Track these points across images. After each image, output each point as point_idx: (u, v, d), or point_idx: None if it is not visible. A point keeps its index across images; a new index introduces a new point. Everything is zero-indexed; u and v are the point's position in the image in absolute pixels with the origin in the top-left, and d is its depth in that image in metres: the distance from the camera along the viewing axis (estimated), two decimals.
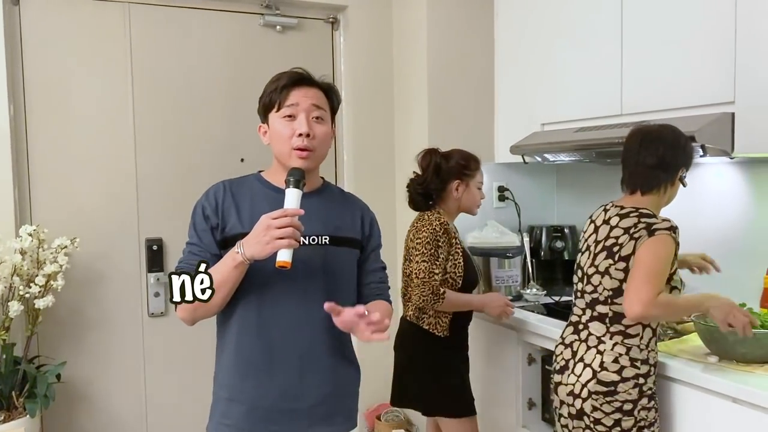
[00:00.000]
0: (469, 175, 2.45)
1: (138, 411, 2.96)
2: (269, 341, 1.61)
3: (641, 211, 1.89)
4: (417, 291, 2.28)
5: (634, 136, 1.96)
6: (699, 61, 2.13)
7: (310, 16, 3.22)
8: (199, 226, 1.63)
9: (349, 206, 1.77)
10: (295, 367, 1.61)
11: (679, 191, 2.00)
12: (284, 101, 1.60)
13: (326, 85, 1.68)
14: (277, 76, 1.65)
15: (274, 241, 1.44)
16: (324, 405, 1.66)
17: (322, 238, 1.64)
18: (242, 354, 1.63)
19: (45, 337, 2.75)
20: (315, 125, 1.61)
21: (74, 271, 2.69)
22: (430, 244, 2.31)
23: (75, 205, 2.81)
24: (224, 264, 1.53)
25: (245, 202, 1.64)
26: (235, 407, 1.63)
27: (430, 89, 3.07)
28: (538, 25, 2.82)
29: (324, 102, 1.65)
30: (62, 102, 2.78)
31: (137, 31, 2.89)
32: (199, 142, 3.02)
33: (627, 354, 1.85)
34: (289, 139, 1.59)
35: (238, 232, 1.59)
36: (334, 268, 1.66)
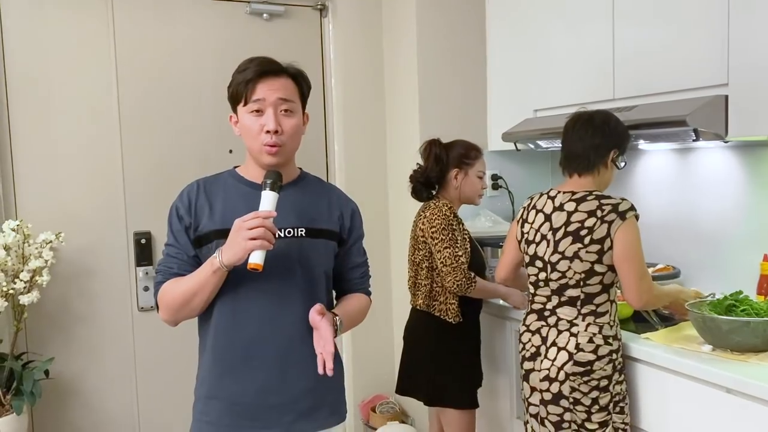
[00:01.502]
0: (468, 164, 2.46)
1: (129, 405, 2.94)
2: (246, 337, 1.59)
3: (596, 193, 1.97)
4: (449, 277, 2.29)
5: (568, 122, 2.06)
6: (692, 43, 2.08)
7: (297, 3, 3.16)
8: (174, 227, 1.63)
9: (326, 197, 1.73)
10: (274, 362, 1.59)
11: (615, 173, 2.08)
12: (250, 96, 1.55)
13: (294, 71, 1.62)
14: (243, 66, 1.59)
15: (246, 242, 1.44)
16: (307, 399, 1.63)
17: (297, 230, 1.61)
18: (219, 352, 1.60)
19: (32, 333, 2.72)
20: (283, 119, 1.57)
21: (61, 266, 2.66)
22: (446, 230, 2.33)
23: (60, 199, 2.77)
24: (203, 270, 1.53)
25: (218, 199, 1.62)
26: (214, 404, 1.61)
27: (421, 77, 3.02)
28: (529, 10, 2.76)
29: (293, 91, 1.60)
30: (45, 94, 2.74)
31: (121, 21, 2.84)
32: (186, 133, 2.98)
33: (600, 333, 1.93)
34: (258, 135, 1.56)
35: (210, 230, 1.58)
36: (311, 261, 1.63)
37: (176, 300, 1.56)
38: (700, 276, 2.47)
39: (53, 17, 2.73)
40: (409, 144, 3.14)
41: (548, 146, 2.72)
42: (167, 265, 1.61)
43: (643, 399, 1.98)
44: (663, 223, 2.60)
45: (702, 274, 2.46)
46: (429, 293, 2.41)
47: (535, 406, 2.01)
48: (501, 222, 2.96)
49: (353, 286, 1.77)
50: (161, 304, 1.61)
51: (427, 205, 2.44)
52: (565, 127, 2.07)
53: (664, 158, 2.62)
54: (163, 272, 1.62)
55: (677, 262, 2.53)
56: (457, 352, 2.41)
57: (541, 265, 2.04)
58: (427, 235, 2.37)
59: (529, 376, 2.04)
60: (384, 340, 3.36)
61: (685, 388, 1.84)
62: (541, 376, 1.98)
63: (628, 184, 2.75)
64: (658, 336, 2.03)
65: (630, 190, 2.74)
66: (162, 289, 1.60)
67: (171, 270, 1.61)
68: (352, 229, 1.74)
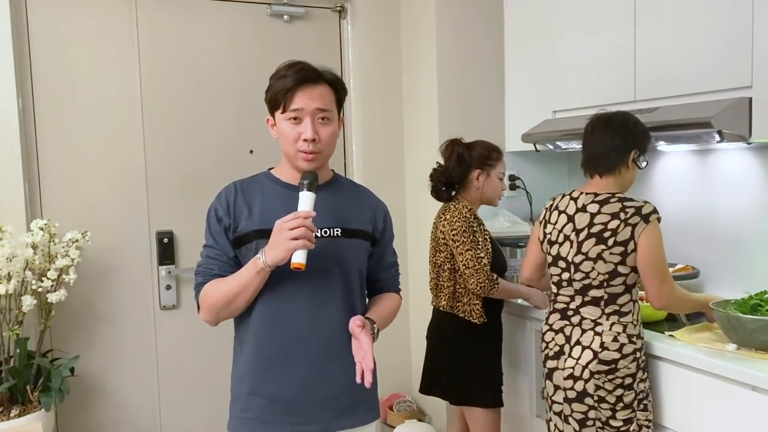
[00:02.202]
0: (490, 165, 2.48)
1: (151, 403, 2.97)
2: (287, 334, 1.62)
3: (618, 196, 2.00)
4: (472, 279, 2.32)
5: (588, 124, 2.10)
6: (715, 45, 2.10)
7: (317, 5, 3.19)
8: (213, 228, 1.66)
9: (359, 199, 1.77)
10: (314, 359, 1.63)
11: (637, 174, 2.10)
12: (289, 104, 1.59)
13: (332, 78, 1.65)
14: (283, 72, 1.62)
15: (288, 243, 1.48)
16: (345, 396, 1.66)
17: (334, 230, 1.66)
18: (261, 348, 1.64)
19: (57, 331, 2.75)
20: (321, 127, 1.61)
21: (85, 264, 2.69)
22: (467, 232, 2.35)
23: (84, 198, 2.80)
24: (247, 271, 1.57)
25: (256, 200, 1.66)
26: (256, 400, 1.64)
27: (440, 77, 3.05)
28: (549, 10, 2.78)
29: (330, 99, 1.63)
30: (70, 95, 2.77)
31: (145, 22, 2.87)
32: (208, 134, 3.01)
33: (624, 332, 1.96)
34: (295, 142, 1.60)
35: (250, 230, 1.62)
36: (347, 260, 1.67)
37: (219, 301, 1.60)
38: (720, 277, 2.49)
39: (78, 19, 2.76)
40: (427, 145, 3.17)
41: (567, 147, 2.74)
42: (207, 267, 1.65)
43: (668, 397, 2.01)
44: (682, 224, 2.62)
45: (721, 275, 2.48)
46: (452, 294, 2.43)
47: (559, 404, 2.04)
48: (519, 222, 2.98)
49: (385, 286, 1.82)
50: (203, 305, 1.65)
51: (447, 207, 2.47)
52: (585, 128, 2.11)
53: (683, 159, 2.65)
54: (204, 273, 1.66)
55: (696, 262, 2.55)
56: (481, 352, 2.44)
57: (564, 265, 2.07)
58: (448, 238, 2.40)
59: (552, 374, 2.06)
60: (401, 339, 3.39)
61: (710, 386, 1.87)
62: (565, 375, 2.01)
63: (647, 185, 2.77)
64: (682, 335, 2.05)
65: (649, 191, 2.76)
66: (204, 291, 1.64)
67: (212, 271, 1.64)
68: (384, 230, 1.78)
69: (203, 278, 1.65)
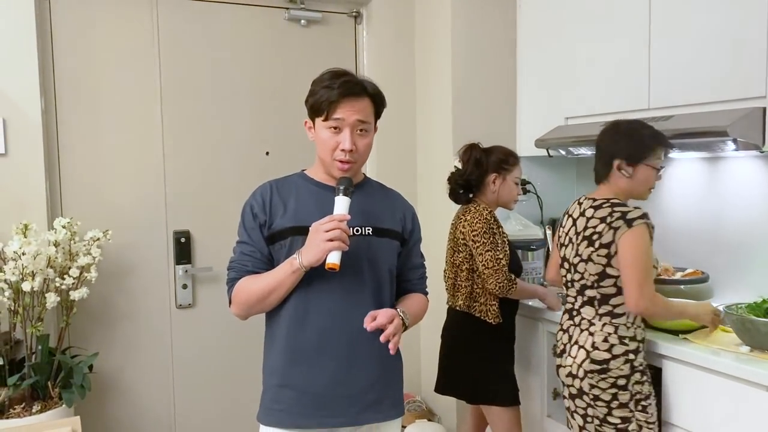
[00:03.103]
0: (507, 169, 2.54)
1: (165, 401, 3.00)
2: (318, 329, 1.67)
3: (612, 201, 2.07)
4: (491, 279, 2.38)
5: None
6: (730, 54, 2.16)
7: (333, 10, 3.24)
8: (248, 225, 1.71)
9: (389, 200, 1.84)
10: (343, 353, 1.68)
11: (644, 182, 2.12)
12: (331, 114, 1.64)
13: (374, 92, 1.72)
14: (327, 82, 1.66)
15: (324, 244, 1.55)
16: (372, 391, 1.72)
17: (365, 229, 1.72)
18: (292, 342, 1.69)
19: (76, 329, 2.78)
20: (358, 139, 1.67)
21: (104, 263, 2.72)
22: (487, 233, 2.41)
23: (103, 198, 2.84)
24: (282, 269, 1.63)
25: (291, 198, 1.72)
26: (286, 392, 1.69)
27: (454, 83, 3.10)
28: (562, 16, 2.83)
29: (370, 112, 1.70)
30: (92, 96, 2.81)
31: (165, 25, 2.91)
32: (225, 135, 3.05)
33: (615, 333, 2.02)
34: (333, 150, 1.66)
35: (285, 227, 1.68)
36: (378, 259, 1.73)
37: (252, 297, 1.66)
38: (728, 283, 2.54)
39: (100, 22, 2.81)
40: (439, 149, 3.22)
41: (578, 153, 2.80)
42: (241, 263, 1.70)
43: (682, 398, 2.06)
44: (693, 229, 2.67)
45: (731, 280, 2.54)
46: (469, 294, 2.48)
47: (567, 399, 2.13)
48: (531, 225, 3.03)
49: (412, 286, 1.87)
50: (235, 300, 1.70)
51: (467, 209, 2.52)
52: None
53: (693, 167, 2.70)
54: (237, 269, 1.71)
55: (706, 267, 2.59)
56: (498, 352, 2.49)
57: (568, 266, 2.17)
58: (468, 238, 2.45)
59: (558, 371, 2.16)
60: (411, 339, 3.43)
61: (725, 387, 1.92)
62: (565, 372, 2.11)
63: (657, 191, 2.81)
64: (696, 336, 2.11)
65: (659, 198, 2.81)
66: (237, 287, 1.69)
67: (245, 267, 1.70)
68: (412, 231, 1.85)
69: (236, 273, 1.70)
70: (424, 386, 3.47)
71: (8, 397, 2.37)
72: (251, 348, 1.86)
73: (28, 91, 2.61)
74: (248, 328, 2.14)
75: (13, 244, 2.34)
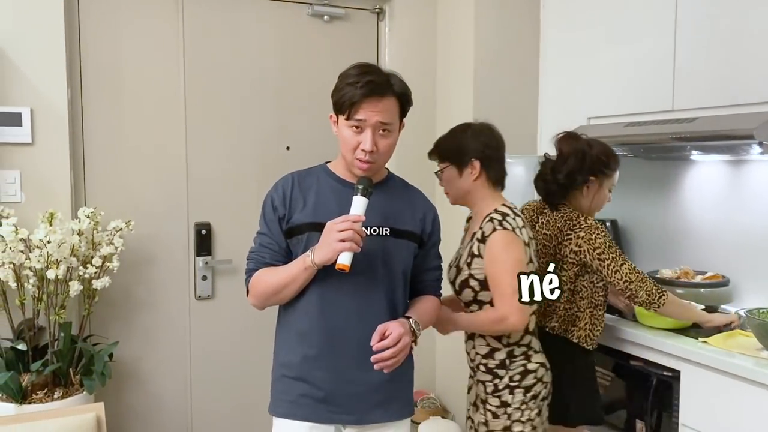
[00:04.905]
0: (606, 173, 2.21)
1: (183, 391, 3.04)
2: (332, 325, 1.68)
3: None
4: (641, 292, 2.10)
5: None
6: (756, 57, 2.14)
7: (356, 6, 3.25)
8: (268, 217, 1.72)
9: (410, 200, 1.81)
10: (354, 354, 1.67)
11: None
12: (354, 114, 1.63)
13: (400, 91, 1.68)
14: (353, 78, 1.63)
15: (336, 244, 1.55)
16: (381, 391, 1.72)
17: (383, 229, 1.70)
18: (304, 337, 1.70)
19: (97, 317, 2.82)
20: (380, 139, 1.65)
21: (126, 253, 2.76)
22: (612, 246, 2.12)
23: (127, 189, 2.88)
24: (296, 265, 1.65)
25: (311, 193, 1.72)
26: (297, 385, 1.71)
27: (475, 81, 3.10)
28: (586, 15, 2.81)
29: (394, 112, 1.67)
30: (117, 89, 2.84)
31: (189, 19, 2.94)
32: (246, 129, 3.07)
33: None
34: (354, 149, 1.65)
35: (303, 222, 1.69)
36: (393, 260, 1.72)
37: (267, 289, 1.69)
38: (750, 287, 2.52)
39: (127, 17, 2.84)
40: None
41: None
42: (260, 254, 1.73)
43: (700, 402, 2.05)
44: (713, 233, 2.65)
45: (752, 284, 2.52)
46: (568, 318, 2.20)
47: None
48: None
49: (426, 288, 1.85)
50: (252, 290, 1.73)
51: (572, 220, 2.18)
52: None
53: (716, 169, 2.68)
54: (255, 260, 1.73)
55: (726, 271, 2.58)
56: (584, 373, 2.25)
57: None
58: (590, 258, 2.12)
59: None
60: (426, 337, 3.40)
61: (744, 391, 1.91)
62: None
63: (678, 194, 2.81)
64: (715, 340, 2.10)
65: (680, 200, 2.80)
66: (255, 277, 1.72)
67: (263, 259, 1.72)
68: (432, 233, 1.82)
69: (255, 264, 1.73)
70: (438, 383, 3.48)
71: (31, 382, 2.41)
72: (269, 341, 1.88)
73: (55, 83, 2.65)
74: (267, 321, 2.15)
75: (39, 232, 2.38)
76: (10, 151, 2.60)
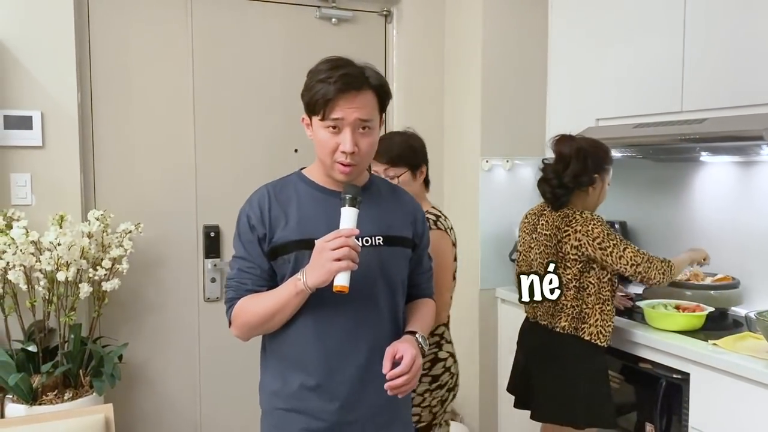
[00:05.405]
0: (606, 169, 2.28)
1: (192, 392, 3.05)
2: (329, 351, 1.52)
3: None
4: (653, 272, 2.15)
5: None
6: (766, 57, 2.12)
7: (364, 9, 3.26)
8: (246, 238, 1.53)
9: (398, 202, 1.66)
10: (354, 377, 1.53)
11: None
12: (329, 113, 1.46)
13: (377, 84, 1.52)
14: (324, 74, 1.47)
15: (331, 264, 1.37)
16: (384, 414, 1.58)
17: (375, 238, 1.54)
18: (299, 365, 1.53)
19: (106, 319, 2.84)
20: (361, 138, 1.49)
21: (135, 255, 2.77)
22: (611, 234, 2.17)
23: (136, 191, 2.90)
24: (286, 290, 1.46)
25: (292, 207, 1.53)
26: (293, 417, 1.54)
27: (484, 83, 3.10)
28: (594, 16, 2.81)
29: (372, 108, 1.50)
30: (126, 91, 2.87)
31: (198, 22, 2.96)
32: (255, 132, 3.09)
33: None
34: (332, 152, 1.48)
35: (288, 240, 1.50)
36: (391, 270, 1.57)
37: (254, 319, 1.50)
38: (761, 289, 2.51)
39: (136, 20, 2.86)
40: (467, 151, 3.23)
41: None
42: (240, 281, 1.53)
43: (710, 404, 2.04)
44: (723, 235, 2.64)
45: (762, 287, 2.50)
46: (578, 315, 2.22)
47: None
48: None
49: (422, 291, 1.72)
50: (236, 321, 1.54)
51: (568, 216, 2.23)
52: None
53: (725, 170, 2.67)
54: (236, 288, 1.54)
55: (737, 274, 2.56)
56: (603, 377, 2.26)
57: None
58: (591, 250, 2.16)
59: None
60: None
61: (755, 394, 1.90)
62: None
63: (687, 196, 2.80)
64: (725, 343, 2.08)
65: (690, 201, 2.79)
66: (237, 307, 1.53)
67: (245, 286, 1.52)
68: (423, 234, 1.68)
69: (236, 293, 1.53)
70: None
71: (41, 383, 2.43)
72: None
73: (65, 86, 2.67)
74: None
75: (50, 234, 2.40)
76: (21, 154, 2.63)
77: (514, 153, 3.19)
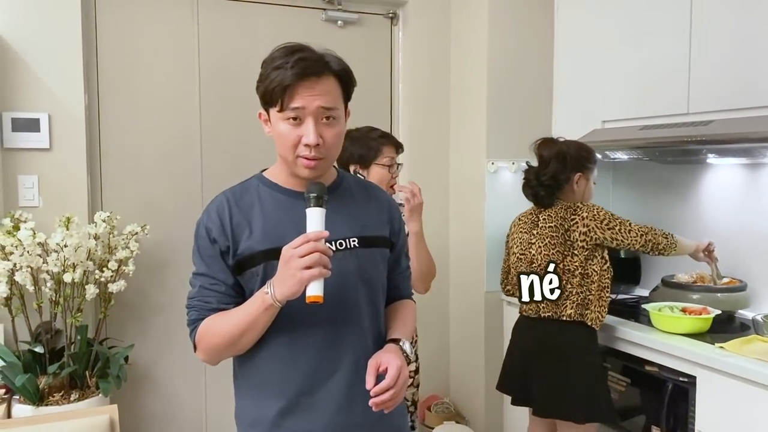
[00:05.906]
0: (589, 168, 2.39)
1: (197, 394, 3.06)
2: (307, 369, 1.38)
3: None
4: (658, 237, 2.27)
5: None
6: None
7: (370, 11, 3.26)
8: (205, 252, 1.39)
9: (373, 198, 1.52)
10: (340, 393, 1.39)
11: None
12: (288, 102, 1.32)
13: (338, 69, 1.36)
14: (279, 61, 1.33)
15: (300, 273, 1.22)
16: (376, 429, 1.45)
17: (349, 240, 1.40)
18: (275, 388, 1.39)
19: (113, 320, 2.84)
20: (325, 129, 1.34)
21: (141, 257, 2.78)
22: (614, 216, 2.28)
23: (142, 193, 2.91)
24: (253, 306, 1.31)
25: (255, 214, 1.39)
26: None
27: (489, 85, 3.10)
28: (600, 18, 2.80)
29: (336, 95, 1.35)
30: (133, 93, 2.88)
31: (205, 24, 2.97)
32: (261, 134, 3.02)
33: None
34: (294, 146, 1.34)
35: (255, 251, 1.36)
36: (370, 274, 1.43)
37: (220, 341, 1.36)
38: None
39: (143, 21, 2.88)
40: (473, 153, 3.23)
41: (614, 157, 2.77)
42: (203, 300, 1.38)
43: (716, 408, 2.03)
44: (730, 238, 2.62)
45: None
46: (582, 302, 2.26)
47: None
48: None
49: (401, 293, 1.59)
50: (200, 345, 1.39)
51: (568, 210, 2.31)
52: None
53: (732, 172, 2.65)
54: (199, 308, 1.38)
55: (743, 276, 2.55)
56: (601, 370, 2.30)
57: None
58: (600, 234, 2.25)
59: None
60: (440, 341, 3.44)
61: (763, 397, 1.88)
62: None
63: (694, 198, 2.79)
64: (732, 346, 2.07)
65: (696, 204, 2.77)
66: (200, 329, 1.37)
67: (209, 305, 1.37)
68: (399, 231, 1.55)
69: (198, 313, 1.38)
70: (452, 388, 3.47)
71: (48, 384, 2.44)
72: None
73: (72, 89, 2.69)
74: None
75: (57, 236, 2.41)
76: (29, 156, 2.64)
77: (520, 155, 3.17)
